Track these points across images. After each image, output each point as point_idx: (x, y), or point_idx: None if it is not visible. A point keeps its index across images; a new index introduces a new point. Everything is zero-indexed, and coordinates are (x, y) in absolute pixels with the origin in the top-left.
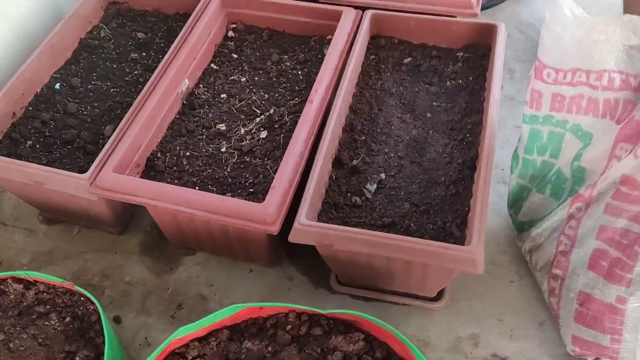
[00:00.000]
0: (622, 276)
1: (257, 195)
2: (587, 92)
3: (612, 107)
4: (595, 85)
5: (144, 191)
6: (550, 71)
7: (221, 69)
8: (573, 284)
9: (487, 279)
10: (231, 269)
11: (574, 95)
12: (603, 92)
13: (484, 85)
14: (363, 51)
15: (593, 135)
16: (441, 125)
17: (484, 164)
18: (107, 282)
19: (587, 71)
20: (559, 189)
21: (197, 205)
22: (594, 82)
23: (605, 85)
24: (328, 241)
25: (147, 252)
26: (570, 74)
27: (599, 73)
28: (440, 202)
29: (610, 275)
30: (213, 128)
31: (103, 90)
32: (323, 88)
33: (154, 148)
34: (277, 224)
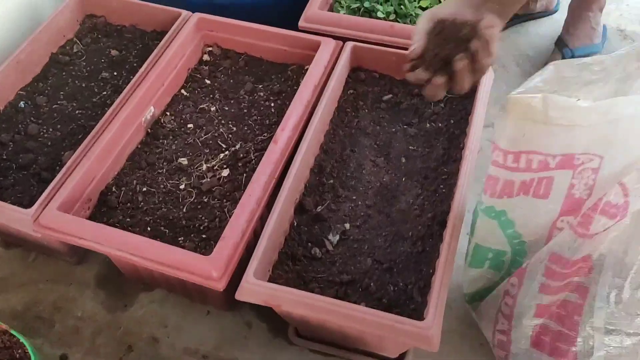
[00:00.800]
0: (567, 350)
1: (210, 241)
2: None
3: (525, 186)
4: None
5: (87, 234)
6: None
7: (191, 96)
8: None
9: (455, 339)
10: (188, 309)
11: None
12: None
13: (465, 131)
14: (341, 85)
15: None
16: (415, 173)
17: (451, 226)
18: (58, 315)
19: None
20: (499, 263)
21: (141, 253)
22: (511, 164)
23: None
24: (276, 302)
25: (103, 285)
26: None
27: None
28: (405, 259)
29: (555, 351)
30: (174, 162)
31: (68, 111)
32: (290, 127)
33: (109, 181)
34: (223, 281)
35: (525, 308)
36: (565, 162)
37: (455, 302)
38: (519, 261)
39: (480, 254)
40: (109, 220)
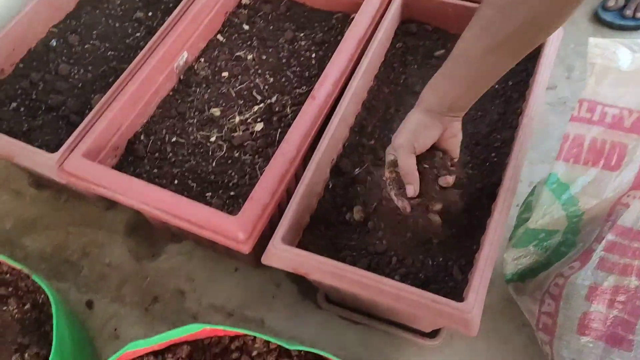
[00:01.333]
0: (623, 338)
1: (238, 200)
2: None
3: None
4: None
5: (112, 184)
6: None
7: (228, 42)
8: (564, 351)
9: (497, 317)
10: (216, 264)
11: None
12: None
13: (524, 94)
14: (389, 38)
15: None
16: (465, 138)
17: (502, 200)
18: (86, 260)
19: None
20: (546, 242)
21: (165, 208)
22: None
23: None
24: (304, 270)
25: (132, 232)
26: None
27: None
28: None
29: (610, 338)
30: (206, 112)
31: (100, 52)
32: (331, 82)
33: (138, 129)
34: (249, 243)
35: (576, 288)
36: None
37: (499, 278)
38: (570, 240)
39: (530, 236)
40: (135, 171)
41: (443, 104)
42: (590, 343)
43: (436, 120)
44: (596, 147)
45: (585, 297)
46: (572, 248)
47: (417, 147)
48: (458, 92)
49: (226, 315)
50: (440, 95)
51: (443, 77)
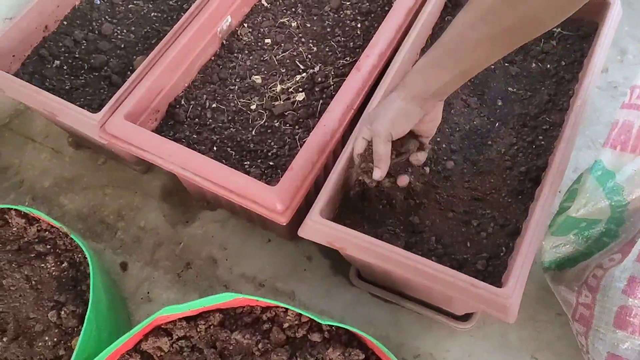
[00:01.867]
0: None
1: (277, 170)
2: None
3: None
4: None
5: (151, 147)
6: None
7: (272, 7)
8: (598, 344)
9: (531, 305)
10: (249, 234)
11: None
12: None
13: (576, 76)
14: (438, 10)
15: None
16: (511, 118)
17: (548, 185)
18: (121, 223)
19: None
20: (588, 231)
21: (204, 174)
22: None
23: None
24: (340, 245)
25: (167, 197)
26: None
27: None
28: (488, 215)
29: None
30: (248, 79)
31: (143, 12)
32: (376, 54)
33: (179, 93)
34: (287, 214)
35: (614, 281)
36: None
37: (536, 265)
38: (613, 230)
39: (571, 224)
40: (175, 135)
41: (428, 90)
42: (627, 337)
43: (417, 106)
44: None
45: (623, 290)
46: (615, 239)
47: (394, 135)
48: (445, 80)
49: (257, 285)
50: (426, 81)
51: (431, 64)
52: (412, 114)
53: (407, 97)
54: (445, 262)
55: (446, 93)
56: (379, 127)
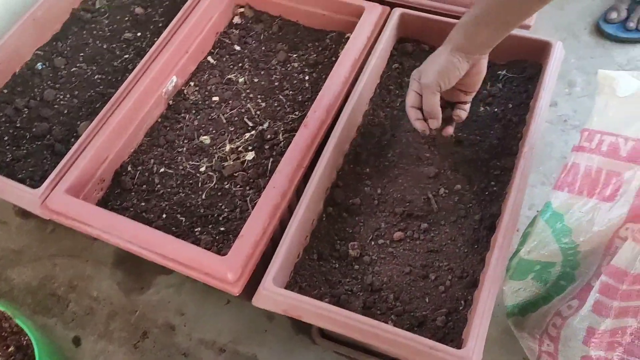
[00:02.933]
0: None
1: (229, 235)
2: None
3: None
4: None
5: (95, 222)
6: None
7: (219, 64)
8: None
9: (496, 351)
10: (206, 296)
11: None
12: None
13: (524, 118)
14: (385, 58)
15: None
16: (463, 165)
17: (502, 234)
18: (73, 294)
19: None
20: (544, 274)
21: (151, 247)
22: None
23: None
24: (296, 313)
25: (120, 264)
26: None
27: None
28: (445, 267)
29: None
30: (196, 140)
31: (87, 75)
32: (324, 108)
33: (125, 159)
34: (239, 284)
35: (574, 331)
36: (636, 154)
37: (500, 308)
38: (569, 273)
39: (525, 267)
40: (122, 204)
41: (472, 44)
42: None
43: (464, 59)
44: (591, 175)
45: (584, 341)
46: (572, 282)
47: (442, 87)
48: (488, 33)
49: (218, 351)
50: (470, 36)
51: (472, 19)
52: (460, 66)
53: (453, 49)
54: (405, 320)
55: (490, 46)
56: (427, 80)
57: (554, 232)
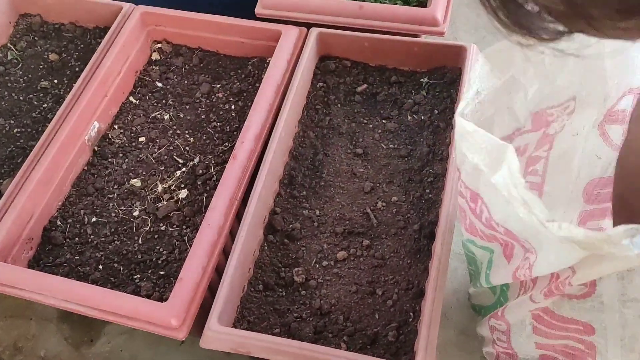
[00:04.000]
0: None
1: (169, 278)
2: None
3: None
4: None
5: (26, 284)
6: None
7: (141, 103)
8: None
9: (455, 353)
10: (160, 340)
11: None
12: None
13: (450, 122)
14: (308, 78)
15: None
16: (397, 176)
17: (440, 241)
18: (19, 356)
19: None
20: (492, 287)
21: (89, 303)
22: (470, 203)
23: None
24: (244, 349)
25: (66, 317)
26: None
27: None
28: (391, 281)
29: None
30: (126, 184)
31: (5, 130)
32: (252, 138)
33: (53, 214)
34: (184, 329)
35: (523, 344)
36: (510, 235)
37: (453, 310)
38: (504, 291)
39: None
40: (55, 261)
41: None
42: None
43: None
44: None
45: (536, 347)
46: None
47: None
48: None
49: None
50: None
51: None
52: None
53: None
54: (357, 340)
55: None
56: None
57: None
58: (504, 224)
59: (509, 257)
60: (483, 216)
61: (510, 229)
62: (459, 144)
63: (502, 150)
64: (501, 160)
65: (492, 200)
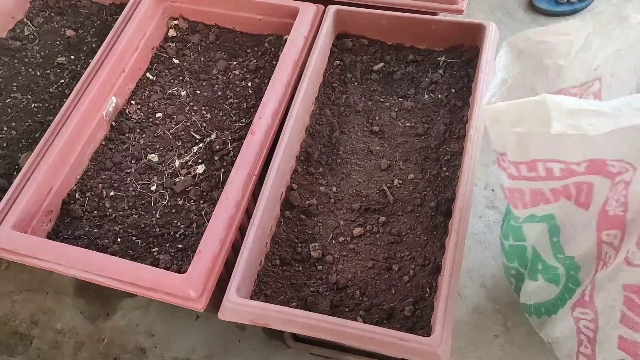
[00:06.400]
0: None
1: (187, 252)
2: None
3: (562, 192)
4: (531, 176)
5: (46, 255)
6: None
7: (158, 79)
8: None
9: (469, 331)
10: (175, 314)
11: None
12: (544, 182)
13: (467, 101)
14: (325, 56)
15: (556, 221)
16: (414, 154)
17: (457, 218)
18: (36, 329)
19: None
20: (553, 276)
21: (108, 274)
22: (527, 174)
23: (543, 176)
24: (263, 321)
25: (82, 292)
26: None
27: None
28: (407, 257)
29: None
30: (144, 159)
31: (23, 105)
32: (269, 113)
33: (72, 187)
34: (202, 300)
35: (607, 335)
36: (597, 168)
37: (466, 288)
38: (573, 276)
39: (533, 269)
40: (74, 233)
41: None
42: None
43: None
44: (558, 190)
45: (617, 346)
46: (579, 285)
47: None
48: None
49: None
50: None
51: None
52: None
53: None
54: (373, 314)
55: None
56: None
57: (549, 228)
58: (585, 156)
59: (586, 204)
60: (554, 171)
61: (595, 158)
62: (491, 131)
63: (540, 102)
64: (547, 109)
65: (558, 148)
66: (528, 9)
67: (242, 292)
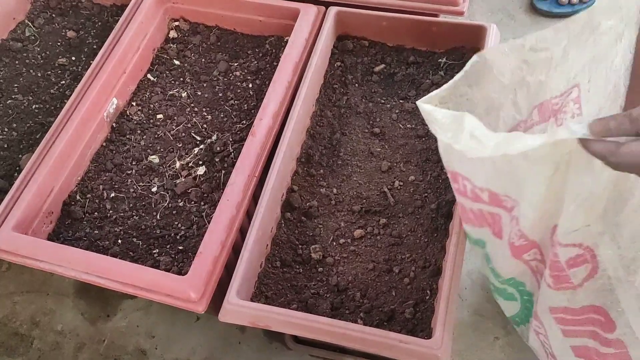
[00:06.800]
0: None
1: (188, 254)
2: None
3: (485, 218)
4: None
5: (46, 256)
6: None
7: (159, 81)
8: None
9: (469, 334)
10: (175, 316)
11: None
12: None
13: None
14: (326, 58)
15: (487, 248)
16: (415, 156)
17: (458, 220)
18: (36, 330)
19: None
20: (508, 295)
21: (109, 275)
22: (454, 184)
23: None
24: (263, 323)
25: (82, 293)
26: None
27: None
28: (408, 259)
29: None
30: (144, 160)
31: (24, 106)
32: (270, 115)
33: (73, 188)
34: (203, 302)
35: (561, 347)
36: (497, 201)
37: (467, 290)
38: (523, 291)
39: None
40: (74, 235)
41: None
42: None
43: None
44: (475, 213)
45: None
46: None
47: None
48: None
49: None
50: None
51: None
52: None
53: None
54: (374, 316)
55: None
56: None
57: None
58: (486, 185)
59: (499, 233)
60: (468, 190)
61: (492, 189)
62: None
63: (459, 118)
64: (462, 126)
65: (467, 169)
66: (529, 11)
67: (242, 294)
